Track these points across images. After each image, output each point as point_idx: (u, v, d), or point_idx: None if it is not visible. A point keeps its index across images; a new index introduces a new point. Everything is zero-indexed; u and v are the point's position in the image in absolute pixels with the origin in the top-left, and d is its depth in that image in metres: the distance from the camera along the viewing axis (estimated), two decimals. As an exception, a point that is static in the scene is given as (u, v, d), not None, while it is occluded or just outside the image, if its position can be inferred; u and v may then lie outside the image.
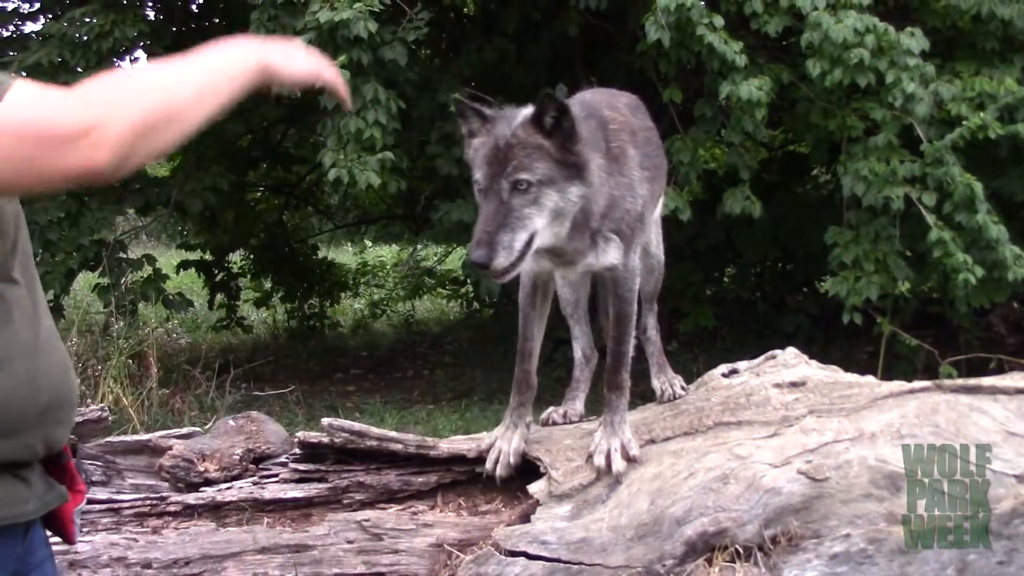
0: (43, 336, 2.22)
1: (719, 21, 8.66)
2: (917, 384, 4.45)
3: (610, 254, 4.02)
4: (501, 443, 4.27)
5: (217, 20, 13.58)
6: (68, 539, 2.41)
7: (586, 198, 3.74)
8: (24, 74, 10.30)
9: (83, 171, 1.90)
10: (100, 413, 4.81)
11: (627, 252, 4.07)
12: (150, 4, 12.17)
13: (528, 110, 3.67)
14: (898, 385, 4.46)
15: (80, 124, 1.88)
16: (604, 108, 4.11)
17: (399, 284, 18.78)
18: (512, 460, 4.22)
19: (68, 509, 2.37)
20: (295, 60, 2.35)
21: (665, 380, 4.72)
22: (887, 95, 8.57)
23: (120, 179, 1.99)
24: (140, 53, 12.01)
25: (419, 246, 17.93)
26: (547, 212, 3.63)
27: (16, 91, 1.90)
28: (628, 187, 3.99)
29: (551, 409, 4.78)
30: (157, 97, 2.02)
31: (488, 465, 4.24)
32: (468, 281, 13.96)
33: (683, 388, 4.69)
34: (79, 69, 10.26)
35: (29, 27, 12.82)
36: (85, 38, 10.34)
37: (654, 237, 4.82)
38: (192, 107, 2.07)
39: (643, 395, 4.84)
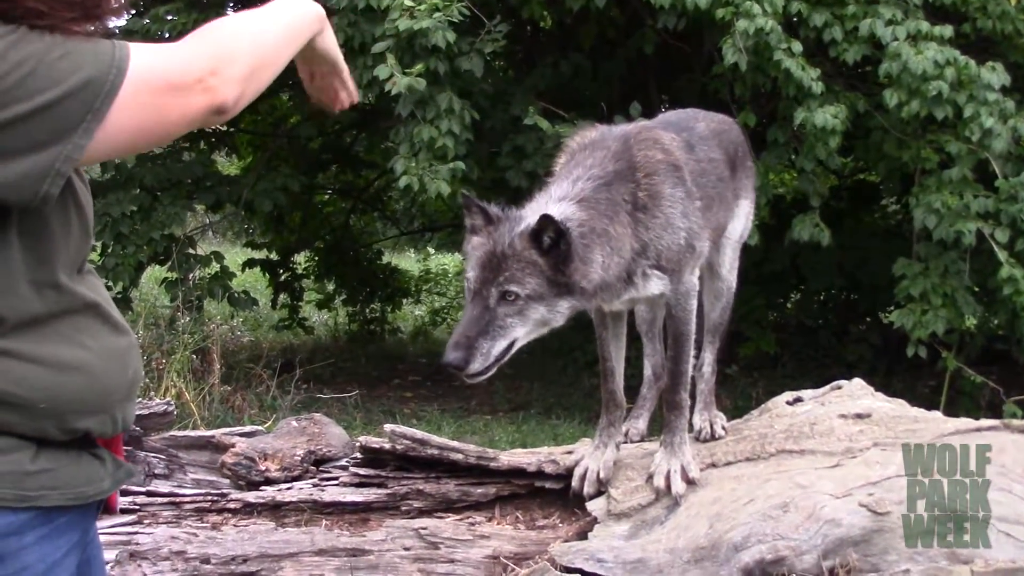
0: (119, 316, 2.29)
1: (797, 47, 8.63)
2: (984, 422, 4.41)
3: (652, 286, 4.06)
4: (589, 461, 4.27)
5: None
6: (111, 508, 2.47)
7: (579, 303, 3.79)
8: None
9: (210, 109, 2.07)
10: (166, 407, 4.87)
11: (675, 279, 4.10)
12: (231, 5, 12.28)
13: (529, 222, 3.68)
14: (964, 422, 4.42)
15: (204, 68, 2.05)
16: (642, 149, 4.09)
17: (461, 293, 18.77)
18: (602, 476, 4.23)
19: None
20: (332, 36, 2.52)
21: (707, 418, 4.68)
22: (964, 129, 8.49)
23: (232, 116, 2.17)
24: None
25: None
26: (531, 323, 3.69)
27: (138, 55, 2.03)
28: (664, 226, 4.00)
29: None
30: (259, 40, 2.19)
31: (575, 483, 4.26)
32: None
33: (724, 428, 4.63)
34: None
35: (113, 22, 12.98)
36: (167, 35, 10.46)
37: (727, 260, 4.81)
38: (281, 51, 2.26)
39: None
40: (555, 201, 3.82)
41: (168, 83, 2.03)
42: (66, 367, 2.10)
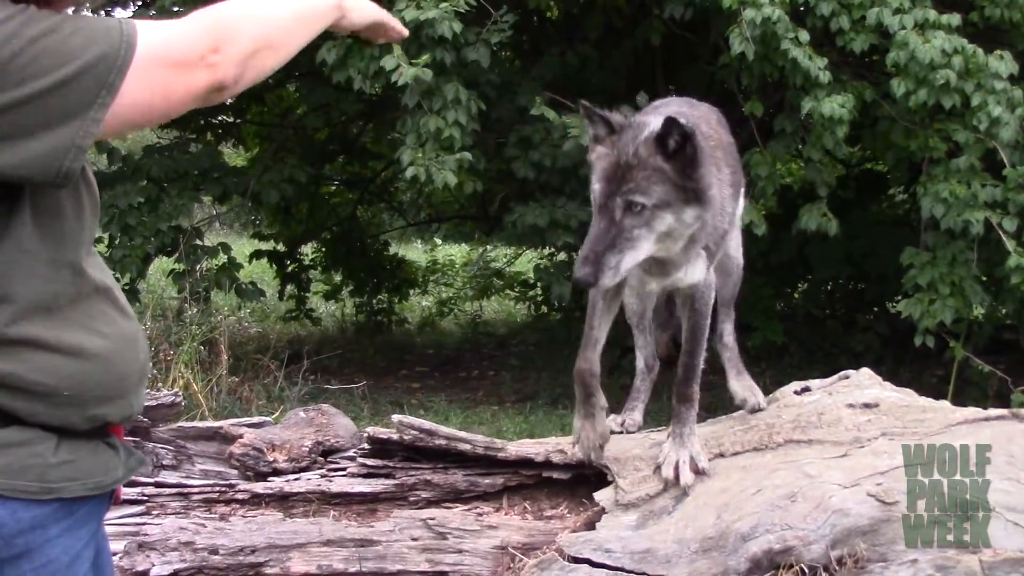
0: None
1: (804, 36, 8.60)
2: (993, 412, 4.40)
3: (698, 270, 3.98)
4: (586, 432, 4.16)
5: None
6: (116, 498, 2.44)
7: (702, 220, 3.68)
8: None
9: (212, 86, 2.10)
10: (174, 398, 4.88)
11: (709, 268, 4.05)
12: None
13: (653, 127, 3.56)
14: (973, 412, 4.42)
15: (207, 45, 2.08)
16: (703, 123, 4.02)
17: (468, 284, 18.80)
18: (601, 442, 4.16)
19: None
20: (364, 5, 2.48)
21: (747, 387, 4.69)
22: (972, 118, 8.46)
23: (233, 94, 2.22)
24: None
25: (489, 247, 17.94)
26: (657, 234, 3.57)
27: (144, 32, 2.05)
28: (717, 203, 3.89)
29: (611, 417, 4.73)
30: (264, 23, 2.20)
31: (581, 454, 4.17)
32: (538, 284, 13.93)
33: (764, 401, 4.65)
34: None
35: (119, 13, 13.00)
36: (174, 27, 10.44)
37: (734, 241, 4.78)
38: (289, 36, 2.27)
39: (708, 407, 4.82)
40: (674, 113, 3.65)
41: (173, 59, 2.06)
42: (87, 354, 2.12)
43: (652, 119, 3.64)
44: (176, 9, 10.42)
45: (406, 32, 2.66)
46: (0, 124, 1.90)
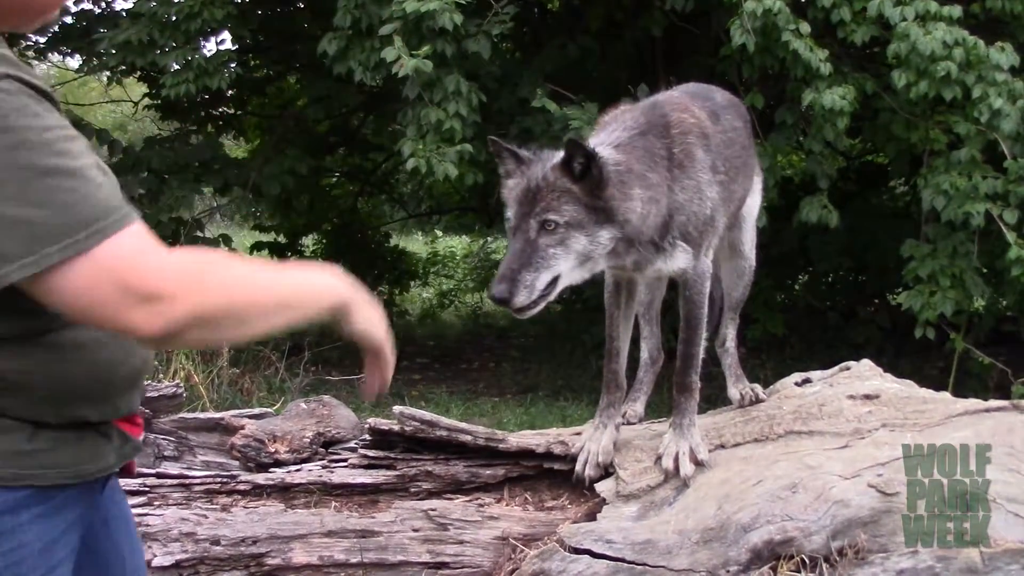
0: None
1: (805, 28, 8.60)
2: (993, 403, 4.40)
3: (678, 259, 4.02)
4: (590, 444, 4.26)
5: (302, 5, 13.69)
6: (130, 472, 2.48)
7: (620, 236, 3.74)
8: (114, 51, 10.47)
9: (130, 329, 1.93)
10: (175, 390, 4.89)
11: (697, 255, 4.06)
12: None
13: (559, 155, 3.67)
14: (974, 403, 4.42)
15: (159, 289, 1.91)
16: (674, 111, 4.09)
17: (468, 275, 18.82)
18: (601, 459, 4.23)
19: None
20: (372, 319, 2.37)
21: (744, 387, 4.71)
22: (973, 110, 8.46)
23: (157, 348, 2.01)
24: (226, 35, 12.14)
25: (490, 239, 17.94)
26: (574, 254, 3.64)
27: (130, 234, 1.94)
28: (695, 190, 3.98)
29: None
30: (239, 296, 2.05)
31: (578, 467, 4.25)
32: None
33: (764, 393, 4.68)
34: (167, 49, 10.40)
35: (120, 4, 13.01)
36: (174, 18, 10.44)
37: (748, 238, 4.84)
38: (266, 316, 2.11)
39: (709, 399, 4.82)
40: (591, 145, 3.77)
41: (125, 282, 1.90)
42: (67, 355, 2.10)
43: (559, 153, 3.72)
44: (177, 1, 10.40)
45: (376, 392, 2.53)
46: None
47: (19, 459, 2.07)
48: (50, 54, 13.32)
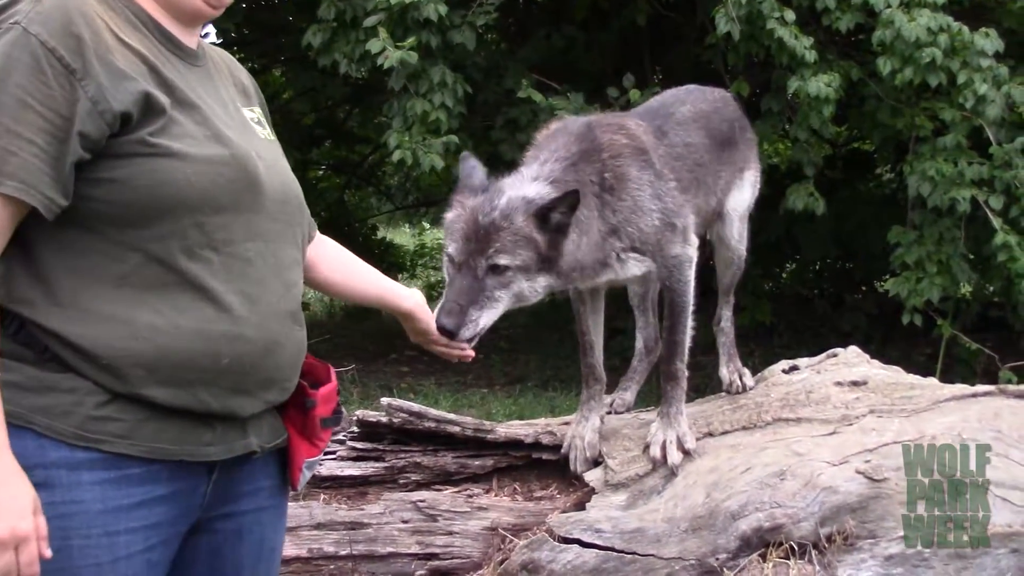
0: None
1: (790, 15, 8.59)
2: (980, 388, 4.42)
3: (631, 268, 4.08)
4: (576, 440, 4.29)
5: (287, -2, 13.66)
6: (293, 485, 2.57)
7: (555, 280, 3.78)
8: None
9: None
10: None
11: (659, 257, 4.10)
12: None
13: (527, 195, 3.67)
14: (960, 388, 4.43)
15: None
16: (606, 133, 4.09)
17: (458, 268, 18.78)
18: (588, 454, 4.26)
19: (297, 456, 2.53)
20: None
21: (734, 370, 4.74)
22: (958, 96, 8.46)
23: None
24: (211, 28, 12.08)
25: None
26: (513, 296, 3.68)
27: None
28: (633, 209, 4.00)
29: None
30: None
31: (571, 464, 4.28)
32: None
33: (751, 381, 4.69)
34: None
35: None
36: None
37: (735, 232, 4.91)
38: None
39: (697, 387, 4.82)
40: (529, 181, 3.77)
41: None
42: (137, 333, 2.16)
43: (507, 188, 3.73)
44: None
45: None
46: None
47: (85, 422, 2.14)
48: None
